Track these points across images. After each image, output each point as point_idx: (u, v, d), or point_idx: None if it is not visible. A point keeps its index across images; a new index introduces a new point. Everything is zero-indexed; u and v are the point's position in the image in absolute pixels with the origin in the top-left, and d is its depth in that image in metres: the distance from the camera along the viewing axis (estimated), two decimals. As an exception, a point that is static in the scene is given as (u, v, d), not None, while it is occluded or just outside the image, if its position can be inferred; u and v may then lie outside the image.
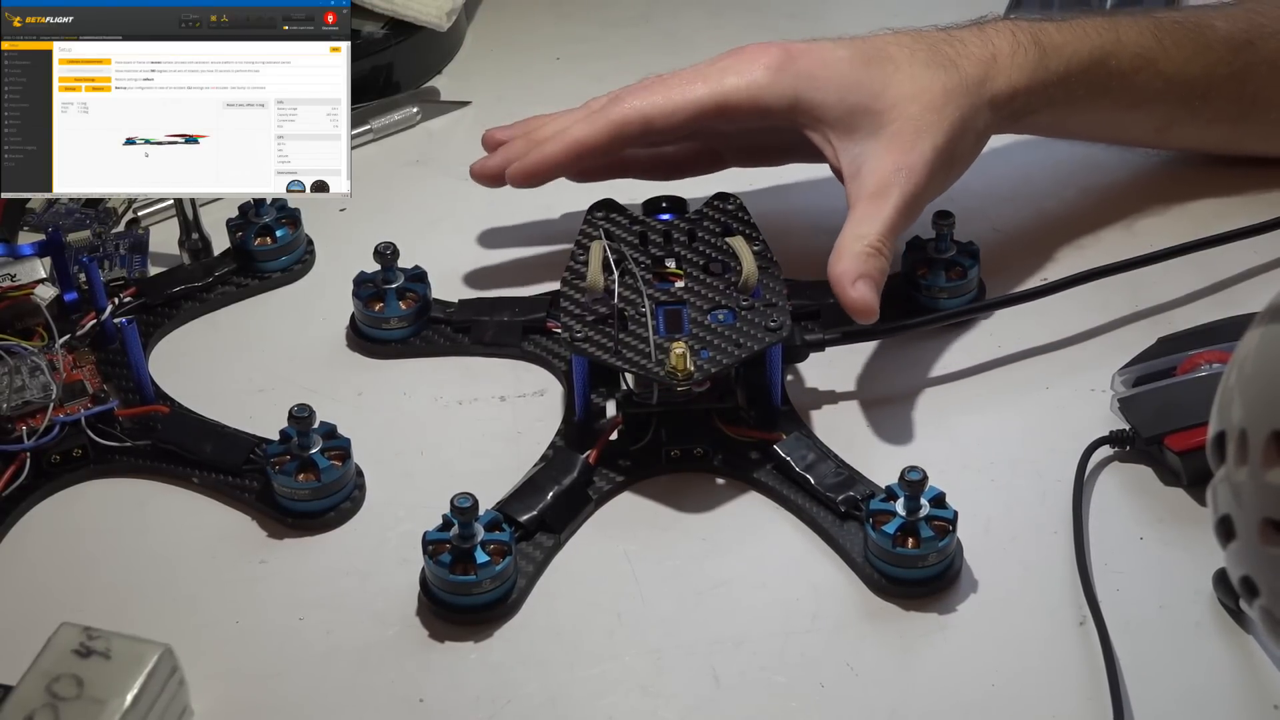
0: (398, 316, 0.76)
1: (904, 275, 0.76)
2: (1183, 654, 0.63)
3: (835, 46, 0.73)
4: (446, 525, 0.65)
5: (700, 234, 0.73)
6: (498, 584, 0.64)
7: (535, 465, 0.69)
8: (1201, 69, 0.78)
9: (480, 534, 0.64)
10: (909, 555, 0.64)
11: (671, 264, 0.72)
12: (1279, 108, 0.80)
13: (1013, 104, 0.74)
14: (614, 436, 0.71)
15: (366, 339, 0.77)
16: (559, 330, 0.71)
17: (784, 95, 0.71)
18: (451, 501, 0.64)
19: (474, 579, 0.64)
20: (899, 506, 0.64)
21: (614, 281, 0.70)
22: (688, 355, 0.67)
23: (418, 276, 0.77)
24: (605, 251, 0.71)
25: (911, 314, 0.75)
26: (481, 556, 0.64)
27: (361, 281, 0.76)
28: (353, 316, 0.77)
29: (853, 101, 0.71)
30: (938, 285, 0.75)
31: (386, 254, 0.76)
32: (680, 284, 0.71)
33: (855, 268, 0.68)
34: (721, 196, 0.75)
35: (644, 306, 0.69)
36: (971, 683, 0.62)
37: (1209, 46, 0.78)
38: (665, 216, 0.75)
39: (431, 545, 0.65)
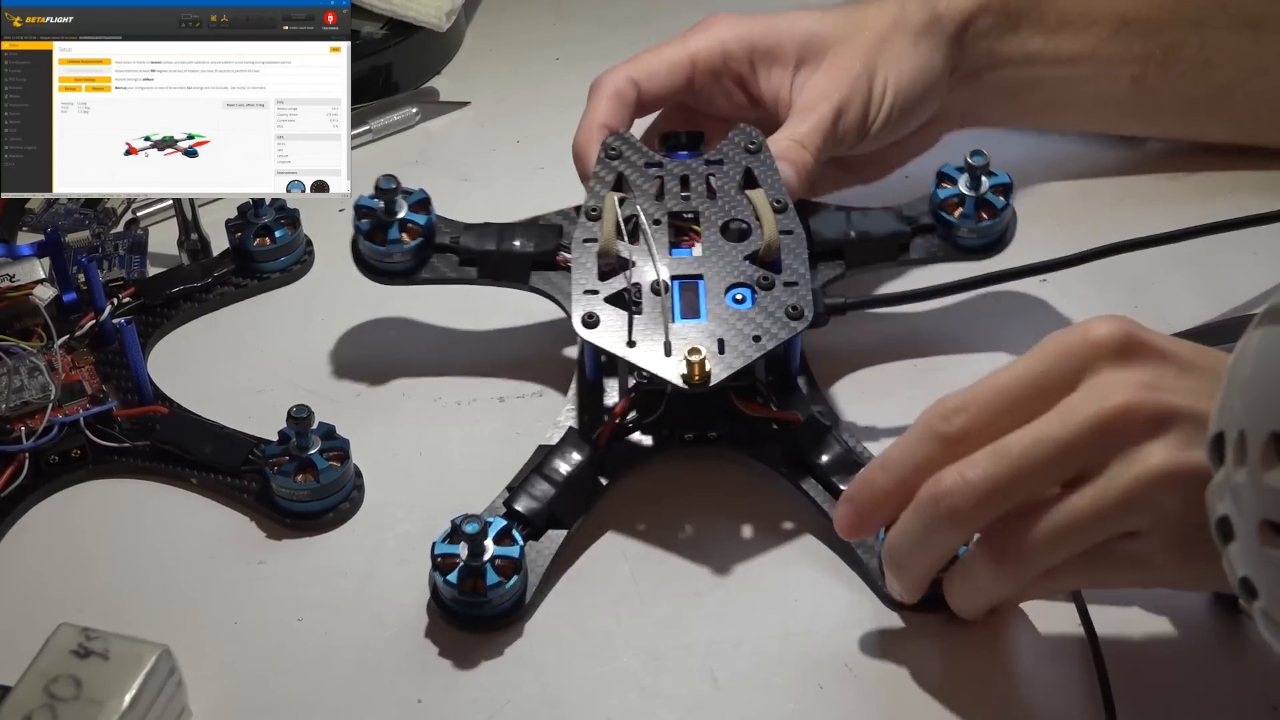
0: (401, 252, 0.73)
1: (931, 211, 0.73)
2: (1183, 654, 0.62)
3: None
4: (454, 532, 0.64)
5: (720, 182, 0.71)
6: (507, 598, 0.64)
7: (542, 448, 0.69)
8: (1152, 10, 0.79)
9: (491, 550, 0.63)
10: None
11: (689, 217, 0.70)
12: (1247, 58, 0.80)
13: (954, 22, 0.76)
14: (625, 415, 0.69)
15: (372, 271, 0.74)
16: (567, 264, 0.69)
17: (743, 39, 0.75)
18: (457, 525, 0.63)
19: (484, 598, 0.63)
20: None
21: (629, 252, 0.68)
22: (706, 361, 0.64)
23: (420, 204, 0.73)
24: (618, 214, 0.69)
25: (936, 254, 0.74)
26: (492, 578, 0.63)
27: (364, 213, 0.73)
28: (355, 247, 0.74)
29: (801, 38, 0.75)
30: (967, 227, 0.73)
31: (389, 190, 0.72)
32: (697, 248, 0.69)
33: (776, 150, 0.71)
34: (742, 131, 0.72)
35: (658, 279, 0.67)
36: (970, 683, 0.62)
37: None
38: (682, 155, 0.73)
39: (440, 559, 0.64)
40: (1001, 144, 0.83)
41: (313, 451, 0.68)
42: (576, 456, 0.68)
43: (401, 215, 0.73)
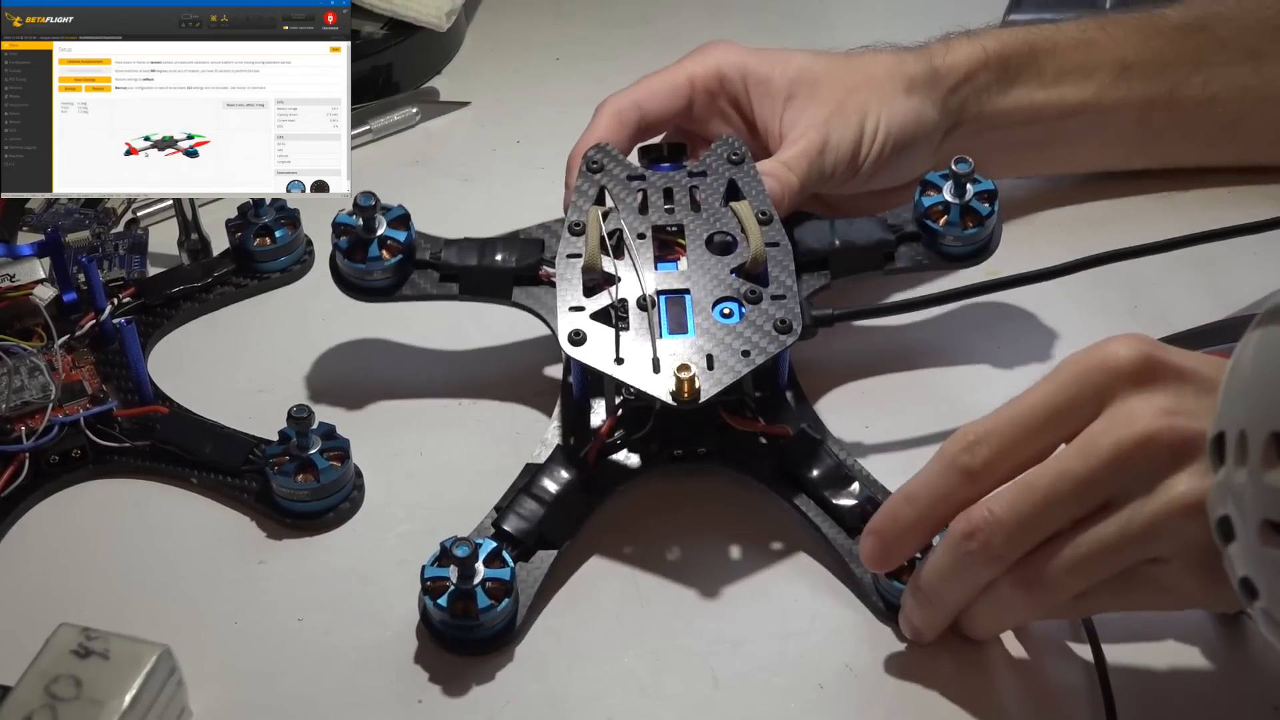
0: (381, 269, 0.72)
1: (916, 220, 0.72)
2: (1183, 654, 0.62)
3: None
4: (444, 554, 0.63)
5: (704, 195, 0.70)
6: (499, 621, 0.64)
7: (530, 467, 0.68)
8: (1152, 53, 0.79)
9: (481, 573, 0.63)
10: None
11: (673, 231, 0.69)
12: (1252, 91, 0.80)
13: (953, 77, 0.77)
14: (612, 433, 0.69)
15: (352, 289, 0.73)
16: (550, 280, 0.69)
17: (738, 64, 0.76)
18: (446, 548, 0.63)
19: (476, 621, 0.63)
20: None
21: (614, 267, 0.68)
22: (696, 378, 0.64)
23: (400, 220, 0.72)
24: (602, 229, 0.68)
25: (919, 259, 0.73)
26: (483, 600, 0.63)
27: (342, 230, 0.72)
28: (334, 264, 0.73)
29: (793, 74, 0.75)
30: (952, 234, 0.72)
31: (368, 206, 0.71)
32: (683, 262, 0.69)
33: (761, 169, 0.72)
34: (726, 142, 0.72)
35: (643, 296, 0.67)
36: (971, 683, 0.62)
37: (1159, 32, 0.80)
38: (665, 167, 0.73)
39: (430, 582, 0.63)
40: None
41: (313, 451, 0.68)
42: (565, 475, 0.67)
43: (381, 232, 0.72)
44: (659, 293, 0.67)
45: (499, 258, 0.72)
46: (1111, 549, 0.57)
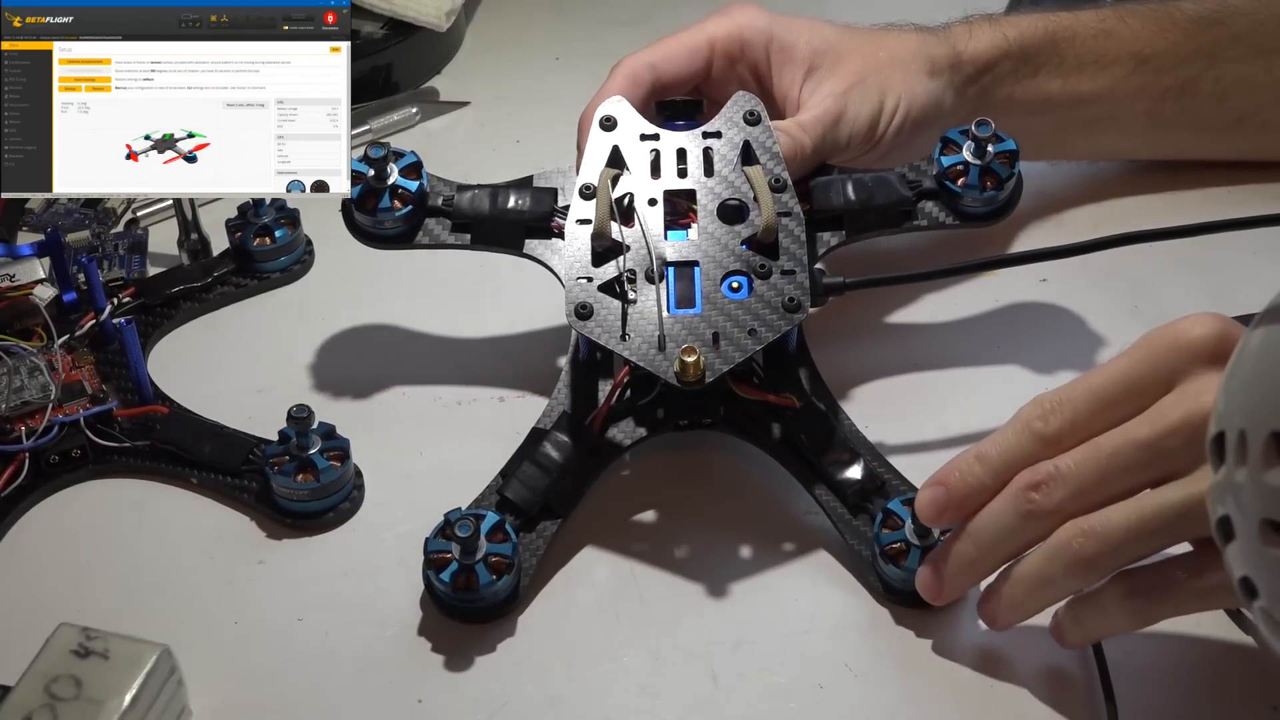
0: (392, 219, 0.71)
1: (936, 177, 0.71)
2: (1183, 654, 0.62)
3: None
4: (446, 526, 0.64)
5: (717, 157, 0.69)
6: (501, 593, 0.64)
7: (536, 431, 0.68)
8: (1168, 45, 0.79)
9: (484, 548, 0.64)
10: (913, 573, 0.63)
11: (685, 196, 0.68)
12: (1262, 88, 0.80)
13: (974, 65, 0.77)
14: (619, 398, 0.68)
15: (366, 236, 0.72)
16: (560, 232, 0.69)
17: (763, 29, 0.75)
18: (451, 521, 0.63)
19: (477, 594, 0.63)
20: (908, 534, 0.64)
21: (623, 234, 0.67)
22: (700, 361, 0.64)
23: (411, 168, 0.72)
24: (611, 196, 0.67)
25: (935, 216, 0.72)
26: (485, 577, 0.63)
27: (355, 178, 0.72)
28: (348, 213, 0.73)
29: (818, 44, 0.75)
30: (971, 196, 0.71)
31: (380, 158, 0.71)
32: (693, 230, 0.68)
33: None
34: (743, 98, 0.70)
35: (652, 267, 0.66)
36: (970, 683, 0.62)
37: (1175, 24, 0.80)
38: (679, 125, 0.71)
39: (433, 555, 0.64)
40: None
41: (313, 451, 0.68)
42: (570, 443, 0.67)
43: (392, 181, 0.71)
44: (667, 264, 0.67)
45: (511, 204, 0.71)
46: (1178, 512, 0.57)
